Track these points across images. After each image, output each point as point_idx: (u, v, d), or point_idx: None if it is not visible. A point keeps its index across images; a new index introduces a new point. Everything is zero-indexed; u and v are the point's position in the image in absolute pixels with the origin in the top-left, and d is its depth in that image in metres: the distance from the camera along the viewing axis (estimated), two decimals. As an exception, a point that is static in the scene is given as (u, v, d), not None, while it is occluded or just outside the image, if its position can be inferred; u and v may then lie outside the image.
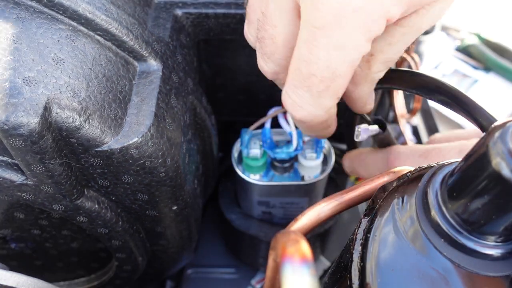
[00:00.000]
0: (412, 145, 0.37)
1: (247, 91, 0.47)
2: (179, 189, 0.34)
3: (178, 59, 0.35)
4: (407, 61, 0.52)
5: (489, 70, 0.81)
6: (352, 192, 0.26)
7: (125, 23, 0.30)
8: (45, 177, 0.28)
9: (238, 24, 0.38)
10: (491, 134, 0.16)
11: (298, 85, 0.26)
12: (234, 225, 0.49)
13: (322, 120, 0.28)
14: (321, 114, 0.27)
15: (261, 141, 0.42)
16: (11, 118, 0.24)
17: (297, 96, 0.26)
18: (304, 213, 0.25)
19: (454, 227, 0.18)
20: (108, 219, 0.33)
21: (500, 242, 0.18)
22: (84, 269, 0.45)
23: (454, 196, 0.18)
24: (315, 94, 0.26)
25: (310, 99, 0.26)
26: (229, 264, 0.56)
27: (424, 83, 0.32)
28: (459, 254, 0.18)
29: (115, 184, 0.31)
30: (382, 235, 0.21)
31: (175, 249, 0.42)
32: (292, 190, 0.44)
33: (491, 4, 0.95)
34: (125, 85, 0.30)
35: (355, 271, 0.21)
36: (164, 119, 0.31)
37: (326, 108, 0.27)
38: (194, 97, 0.37)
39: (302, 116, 0.27)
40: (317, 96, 0.26)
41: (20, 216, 0.34)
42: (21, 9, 0.27)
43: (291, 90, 0.27)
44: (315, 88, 0.26)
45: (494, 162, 0.16)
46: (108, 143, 0.28)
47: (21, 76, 0.25)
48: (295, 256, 0.18)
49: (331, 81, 0.25)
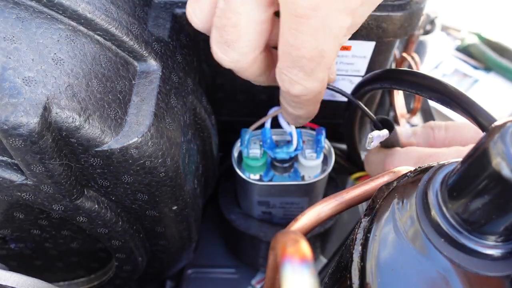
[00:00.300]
0: (411, 148, 0.37)
1: (247, 91, 0.47)
2: (179, 189, 0.34)
3: (178, 59, 0.35)
4: (407, 61, 0.52)
5: (490, 70, 0.81)
6: (352, 192, 0.26)
7: (125, 23, 0.30)
8: (44, 177, 0.28)
9: (238, 24, 0.38)
10: (491, 134, 0.16)
11: (291, 65, 0.27)
12: (234, 225, 0.49)
13: (317, 91, 0.29)
14: (317, 85, 0.29)
15: (261, 141, 0.42)
16: (10, 118, 0.24)
17: (292, 74, 0.28)
18: (304, 213, 0.25)
19: (454, 227, 0.18)
20: (108, 219, 0.33)
21: (500, 242, 0.18)
22: (84, 269, 0.45)
23: (454, 196, 0.18)
24: (308, 72, 0.27)
25: (304, 75, 0.28)
26: (229, 264, 0.56)
27: (424, 83, 0.32)
28: (459, 254, 0.18)
29: (115, 184, 0.31)
30: (382, 235, 0.21)
31: (175, 249, 0.42)
32: (292, 190, 0.44)
33: (491, 4, 0.95)
34: (125, 85, 0.30)
35: (355, 271, 0.21)
36: (164, 119, 0.31)
37: (320, 80, 0.29)
38: (194, 97, 0.37)
39: (299, 90, 0.29)
40: (311, 72, 0.27)
41: (19, 216, 0.34)
42: (21, 9, 0.27)
43: (286, 70, 0.28)
44: (307, 67, 0.27)
45: (494, 162, 0.16)
46: (108, 143, 0.28)
47: (21, 76, 0.25)
48: (295, 256, 0.18)
49: (321, 58, 0.27)
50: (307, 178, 0.44)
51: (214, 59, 0.30)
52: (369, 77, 0.37)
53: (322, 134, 0.42)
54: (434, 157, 0.35)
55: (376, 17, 0.37)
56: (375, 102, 0.51)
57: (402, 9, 0.37)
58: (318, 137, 0.42)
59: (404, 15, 0.37)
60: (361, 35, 0.39)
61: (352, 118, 0.41)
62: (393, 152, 0.38)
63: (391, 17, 0.37)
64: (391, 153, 0.38)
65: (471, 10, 0.93)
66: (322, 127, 0.42)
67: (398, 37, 0.40)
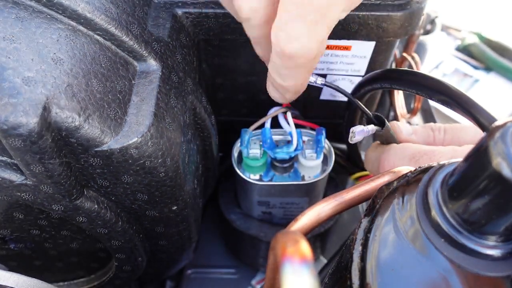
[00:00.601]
0: (407, 145, 0.37)
1: (247, 91, 0.47)
2: (179, 189, 0.34)
3: (177, 59, 0.35)
4: (407, 61, 0.52)
5: (490, 70, 0.81)
6: (352, 192, 0.26)
7: (124, 23, 0.30)
8: (44, 177, 0.28)
9: (238, 23, 0.38)
10: (492, 134, 0.16)
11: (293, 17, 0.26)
12: (234, 225, 0.49)
13: (313, 54, 0.28)
14: (314, 46, 0.28)
15: (261, 141, 0.42)
16: (10, 118, 0.24)
17: (292, 29, 0.27)
18: (304, 213, 0.25)
19: (454, 227, 0.18)
20: (107, 219, 0.33)
21: (501, 242, 0.18)
22: (84, 270, 0.45)
23: (454, 196, 0.18)
24: (310, 25, 0.26)
25: (305, 29, 0.26)
26: (229, 264, 0.56)
27: (424, 83, 0.32)
28: (459, 254, 0.18)
29: (114, 184, 0.31)
30: (382, 235, 0.21)
31: (175, 249, 0.42)
32: (292, 190, 0.44)
33: (491, 3, 0.95)
34: (125, 85, 0.30)
35: (355, 271, 0.21)
36: (164, 119, 0.31)
37: (320, 40, 0.27)
38: (194, 97, 0.37)
39: (295, 49, 0.27)
40: (313, 26, 0.26)
41: (19, 216, 0.34)
42: (20, 9, 0.27)
43: (285, 24, 0.27)
44: (310, 17, 0.26)
45: (495, 162, 0.16)
46: (108, 143, 0.28)
47: (20, 76, 0.25)
48: (295, 256, 0.18)
49: (327, 10, 0.26)
50: (307, 178, 0.44)
51: (214, 59, 0.30)
52: (369, 77, 0.37)
53: (322, 134, 0.41)
54: (429, 154, 0.34)
55: (376, 17, 0.37)
56: (375, 102, 0.51)
57: (403, 9, 0.37)
58: (318, 137, 0.42)
59: (405, 14, 0.37)
60: (361, 35, 0.39)
61: (352, 118, 0.41)
62: (389, 148, 0.38)
63: (391, 17, 0.37)
64: (388, 149, 0.38)
65: (471, 10, 0.93)
66: (322, 127, 0.42)
67: (398, 37, 0.40)
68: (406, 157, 0.36)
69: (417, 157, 0.35)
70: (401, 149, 0.37)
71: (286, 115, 0.42)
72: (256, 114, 0.43)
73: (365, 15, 0.37)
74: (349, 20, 0.38)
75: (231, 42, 0.41)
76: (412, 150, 0.36)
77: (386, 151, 0.38)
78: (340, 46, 0.41)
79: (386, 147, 0.38)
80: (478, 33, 0.85)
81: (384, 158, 0.37)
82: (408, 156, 0.36)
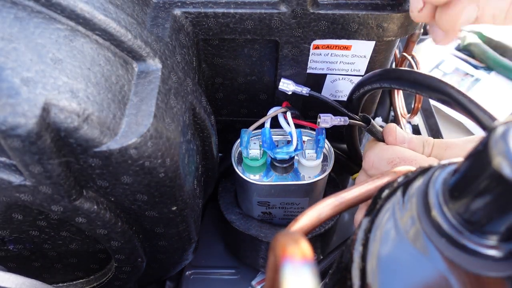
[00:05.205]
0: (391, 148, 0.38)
1: (247, 91, 0.47)
2: (178, 190, 0.34)
3: (177, 59, 0.35)
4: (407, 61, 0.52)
5: (491, 69, 0.81)
6: (352, 192, 0.26)
7: (123, 23, 0.30)
8: (43, 177, 0.28)
9: (237, 23, 0.38)
10: (492, 133, 0.16)
11: None
12: (234, 225, 0.48)
13: None
14: None
15: (261, 141, 0.42)
16: (9, 118, 0.24)
17: None
18: (304, 213, 0.25)
19: (455, 227, 0.18)
20: (107, 220, 0.33)
21: (502, 242, 0.18)
22: (83, 271, 0.45)
23: (455, 196, 0.18)
24: None
25: None
26: (229, 265, 0.56)
27: (425, 82, 0.32)
28: (460, 254, 0.18)
29: (114, 184, 0.31)
30: (382, 235, 0.21)
31: (175, 250, 0.42)
32: (292, 190, 0.44)
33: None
34: (124, 85, 0.30)
35: (355, 271, 0.21)
36: (163, 119, 0.31)
37: None
38: (193, 97, 0.37)
39: None
40: None
41: (18, 217, 0.34)
42: (19, 9, 0.27)
43: None
44: None
45: (495, 161, 0.15)
46: (107, 143, 0.28)
47: (19, 77, 0.25)
48: (296, 257, 0.18)
49: None
50: (307, 178, 0.44)
51: (214, 59, 0.30)
52: (368, 77, 0.37)
53: (322, 134, 0.41)
54: (407, 162, 0.36)
55: (376, 16, 0.37)
56: (375, 102, 0.51)
57: (403, 9, 0.37)
58: (318, 137, 0.42)
59: (405, 14, 0.37)
60: (361, 34, 0.39)
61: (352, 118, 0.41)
62: (375, 147, 0.39)
63: (391, 17, 0.37)
64: (374, 147, 0.39)
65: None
66: (322, 127, 0.42)
67: (398, 36, 0.40)
68: (385, 159, 0.37)
69: (396, 161, 0.36)
70: (383, 150, 0.38)
71: (286, 115, 0.42)
72: (256, 114, 0.43)
73: (365, 15, 0.37)
74: (349, 19, 0.37)
75: (231, 42, 0.41)
76: (392, 154, 0.37)
77: (371, 148, 0.39)
78: (340, 46, 0.41)
79: (374, 145, 0.39)
80: (479, 32, 0.85)
81: (367, 154, 0.39)
82: (386, 160, 0.37)
